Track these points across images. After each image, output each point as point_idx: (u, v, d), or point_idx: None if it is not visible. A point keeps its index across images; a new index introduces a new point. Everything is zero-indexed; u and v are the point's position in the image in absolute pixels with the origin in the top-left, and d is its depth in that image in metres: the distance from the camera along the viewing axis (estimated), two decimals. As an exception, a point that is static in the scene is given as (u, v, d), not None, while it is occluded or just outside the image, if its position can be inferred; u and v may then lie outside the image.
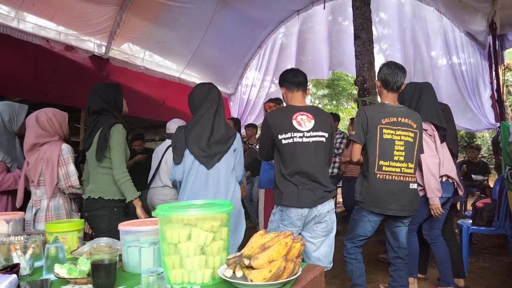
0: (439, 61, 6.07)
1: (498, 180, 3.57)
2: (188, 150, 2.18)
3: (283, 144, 2.26)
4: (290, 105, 2.40)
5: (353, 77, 13.09)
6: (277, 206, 2.31)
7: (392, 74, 2.53)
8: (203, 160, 2.17)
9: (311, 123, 2.29)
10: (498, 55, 5.30)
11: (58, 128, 2.56)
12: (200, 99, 2.25)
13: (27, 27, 4.29)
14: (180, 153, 2.18)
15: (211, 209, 1.31)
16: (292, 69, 2.50)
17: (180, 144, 2.19)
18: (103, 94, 2.49)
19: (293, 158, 2.25)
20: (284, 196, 2.24)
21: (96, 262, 1.18)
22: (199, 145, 2.17)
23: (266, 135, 2.34)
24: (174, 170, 2.22)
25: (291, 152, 2.26)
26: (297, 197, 2.22)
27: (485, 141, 10.63)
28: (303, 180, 2.24)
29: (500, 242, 4.30)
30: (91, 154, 2.40)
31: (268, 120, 2.34)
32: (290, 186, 2.24)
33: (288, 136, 2.26)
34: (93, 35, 5.01)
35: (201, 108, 2.23)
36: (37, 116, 2.50)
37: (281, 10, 7.01)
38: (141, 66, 5.74)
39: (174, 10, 5.42)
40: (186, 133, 2.20)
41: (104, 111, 2.47)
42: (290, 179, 2.25)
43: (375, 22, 6.14)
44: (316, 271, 1.32)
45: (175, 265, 1.26)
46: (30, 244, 1.46)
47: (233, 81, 7.61)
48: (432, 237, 2.98)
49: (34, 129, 2.46)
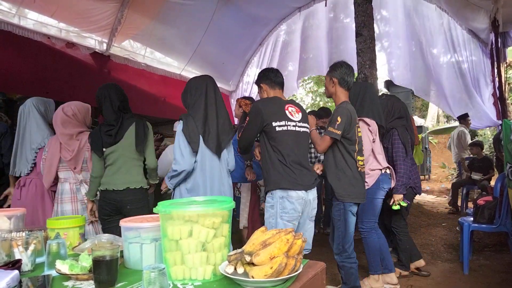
0: (441, 58, 6.05)
1: (499, 178, 3.57)
2: (202, 140, 2.28)
3: (277, 131, 2.34)
4: (277, 97, 2.49)
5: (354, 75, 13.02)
6: (275, 193, 2.33)
7: (349, 74, 2.67)
8: (216, 150, 2.31)
9: (299, 114, 2.46)
10: (500, 52, 5.29)
11: (84, 119, 2.88)
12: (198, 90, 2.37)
13: (28, 24, 4.28)
14: (195, 141, 2.27)
15: (212, 206, 1.31)
16: (273, 68, 2.64)
17: (194, 133, 2.28)
18: (122, 94, 2.68)
19: (287, 145, 2.35)
20: (284, 179, 2.31)
21: (97, 258, 1.18)
22: (210, 136, 2.29)
23: (255, 122, 2.38)
24: (184, 160, 2.26)
25: (285, 139, 2.35)
26: (296, 180, 2.32)
27: (487, 138, 10.62)
28: (297, 166, 2.35)
29: (501, 240, 4.30)
30: (122, 147, 2.54)
31: (259, 107, 2.39)
32: (287, 170, 2.32)
33: (282, 124, 2.36)
34: (94, 32, 5.00)
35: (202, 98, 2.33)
36: (71, 108, 2.78)
37: (282, 7, 6.98)
38: (142, 63, 5.73)
39: (175, 7, 5.41)
40: (197, 122, 2.29)
41: (125, 109, 2.66)
42: (286, 164, 2.32)
43: (376, 19, 6.12)
44: (317, 268, 1.32)
45: (177, 262, 1.27)
46: (31, 240, 1.46)
47: (234, 79, 7.60)
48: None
49: (69, 121, 2.76)
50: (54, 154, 2.74)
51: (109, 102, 2.58)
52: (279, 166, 2.33)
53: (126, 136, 2.55)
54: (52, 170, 2.74)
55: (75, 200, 2.75)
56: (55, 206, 2.76)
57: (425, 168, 11.48)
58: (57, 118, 2.76)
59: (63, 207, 2.71)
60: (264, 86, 2.55)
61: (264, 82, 2.54)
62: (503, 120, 3.27)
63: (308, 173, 2.41)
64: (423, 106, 18.31)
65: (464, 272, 3.43)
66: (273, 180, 2.35)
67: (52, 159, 2.74)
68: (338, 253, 2.72)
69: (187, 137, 2.27)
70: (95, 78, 5.05)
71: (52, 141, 2.81)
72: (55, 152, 2.74)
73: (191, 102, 2.38)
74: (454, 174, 10.23)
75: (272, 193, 2.36)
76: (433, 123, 16.30)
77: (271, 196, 2.36)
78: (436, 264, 3.76)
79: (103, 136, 2.53)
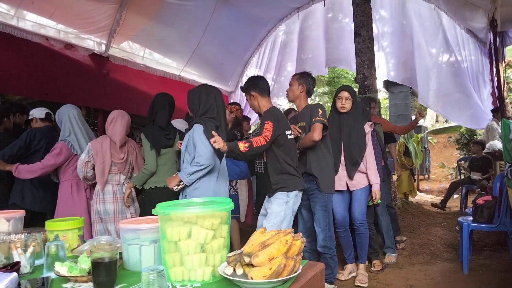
0: (440, 58, 6.06)
1: (498, 178, 3.57)
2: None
3: (288, 139, 2.62)
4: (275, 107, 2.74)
5: (353, 75, 13.07)
6: (291, 193, 2.60)
7: (313, 85, 3.02)
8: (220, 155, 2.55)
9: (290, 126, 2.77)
10: (499, 52, 5.30)
11: None
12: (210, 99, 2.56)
13: (26, 26, 4.27)
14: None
15: (211, 207, 1.31)
16: (260, 76, 2.86)
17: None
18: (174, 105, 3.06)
19: (294, 152, 2.70)
20: (301, 181, 2.65)
21: (96, 260, 1.18)
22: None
23: (280, 128, 2.56)
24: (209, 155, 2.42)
25: (292, 146, 2.67)
26: (302, 182, 2.69)
27: (486, 138, 10.60)
28: (298, 170, 2.69)
29: (501, 239, 4.30)
30: (172, 151, 2.98)
31: (278, 115, 2.61)
32: (298, 174, 2.65)
33: (289, 132, 2.67)
34: (93, 33, 5.00)
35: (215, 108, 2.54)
36: (128, 118, 3.05)
37: (281, 8, 6.99)
38: (141, 64, 5.73)
39: (174, 8, 5.41)
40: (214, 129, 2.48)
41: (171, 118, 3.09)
42: (295, 168, 2.64)
43: (375, 19, 6.12)
44: (316, 269, 1.32)
45: (176, 263, 1.26)
46: (30, 242, 1.46)
47: (233, 79, 7.60)
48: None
49: (127, 129, 3.03)
50: (107, 157, 2.90)
51: (168, 109, 2.95)
52: (293, 171, 2.62)
53: (175, 143, 2.95)
54: (105, 173, 2.90)
55: (117, 200, 2.94)
56: (96, 206, 2.91)
57: (424, 168, 11.48)
58: (120, 124, 2.96)
59: (106, 206, 2.90)
60: (254, 94, 2.71)
61: (254, 90, 2.71)
62: (502, 120, 3.27)
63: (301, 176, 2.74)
64: (422, 105, 18.32)
65: (464, 272, 3.43)
66: (294, 182, 2.62)
67: (105, 163, 2.90)
68: (327, 245, 2.86)
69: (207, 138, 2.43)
70: (94, 80, 5.05)
71: (100, 145, 2.91)
72: (107, 156, 2.90)
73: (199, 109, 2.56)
74: (454, 174, 10.23)
75: (289, 192, 2.61)
76: (432, 123, 16.32)
77: (287, 194, 2.60)
78: (435, 264, 3.76)
79: (162, 138, 2.88)
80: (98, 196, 2.91)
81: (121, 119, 2.98)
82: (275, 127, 2.51)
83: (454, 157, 12.80)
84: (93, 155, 2.88)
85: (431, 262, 3.81)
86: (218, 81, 7.18)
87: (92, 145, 2.90)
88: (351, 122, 3.23)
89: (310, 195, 2.91)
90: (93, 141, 2.96)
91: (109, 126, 2.98)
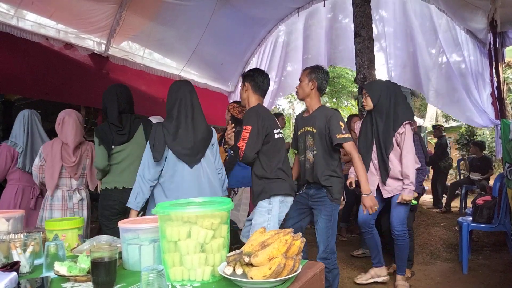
0: (440, 58, 6.05)
1: (498, 178, 3.58)
2: (170, 149, 2.23)
3: (276, 138, 2.41)
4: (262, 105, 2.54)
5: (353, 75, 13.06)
6: (274, 199, 2.35)
7: (327, 80, 2.67)
8: (186, 159, 2.24)
9: (279, 124, 2.58)
10: (499, 52, 5.28)
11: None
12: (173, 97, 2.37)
13: (26, 25, 4.27)
14: (160, 151, 2.21)
15: (210, 207, 1.31)
16: (264, 73, 2.59)
17: (159, 143, 2.22)
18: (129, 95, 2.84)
19: (283, 152, 2.46)
20: (285, 184, 2.38)
21: (96, 259, 1.18)
22: (181, 144, 2.23)
23: (262, 127, 2.35)
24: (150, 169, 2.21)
25: (279, 146, 2.44)
26: (291, 186, 2.42)
27: (485, 138, 10.62)
28: (289, 172, 2.49)
29: (500, 239, 4.30)
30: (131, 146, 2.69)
31: (260, 113, 2.39)
32: (285, 176, 2.38)
33: (278, 131, 2.47)
34: (93, 33, 4.99)
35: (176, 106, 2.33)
36: (78, 116, 2.89)
37: (281, 8, 6.98)
38: (140, 64, 5.72)
39: (174, 8, 5.40)
40: (165, 131, 2.24)
41: (131, 110, 2.81)
42: (284, 170, 2.39)
43: (375, 19, 6.12)
44: (316, 269, 1.32)
45: (175, 263, 1.26)
46: (30, 242, 1.46)
47: (233, 79, 7.59)
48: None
49: (80, 128, 2.87)
50: (56, 160, 2.76)
51: (117, 103, 2.68)
52: (280, 173, 2.38)
53: (136, 136, 2.69)
54: (55, 176, 2.78)
55: (65, 208, 2.78)
56: (42, 212, 2.77)
57: (424, 168, 11.47)
58: (69, 124, 2.81)
59: (52, 213, 2.74)
60: (247, 86, 2.54)
61: (249, 82, 2.54)
62: (501, 120, 3.27)
63: (290, 178, 2.50)
64: (422, 106, 18.33)
65: (464, 272, 3.44)
66: (276, 186, 2.37)
67: (54, 166, 2.76)
68: (327, 257, 2.57)
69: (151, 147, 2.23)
70: (93, 79, 5.04)
71: (51, 148, 2.80)
72: (56, 159, 2.76)
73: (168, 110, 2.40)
74: (454, 174, 10.23)
75: (273, 197, 2.35)
76: (432, 123, 16.31)
77: (269, 201, 2.35)
78: (435, 264, 3.76)
79: (114, 134, 2.61)
80: (46, 202, 2.79)
81: (69, 119, 2.84)
82: (253, 131, 2.32)
83: (454, 158, 12.79)
84: (44, 158, 2.78)
85: (430, 262, 3.81)
86: (218, 81, 7.17)
87: (43, 148, 2.82)
88: (379, 121, 2.99)
89: (315, 201, 2.63)
90: (45, 144, 2.87)
91: (58, 128, 2.85)
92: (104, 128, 2.64)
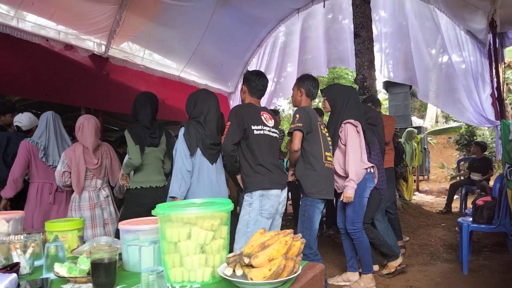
0: (439, 59, 6.06)
1: (498, 178, 3.57)
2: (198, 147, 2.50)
3: (255, 134, 2.50)
4: (253, 104, 2.64)
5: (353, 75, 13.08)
6: (254, 193, 2.46)
7: (315, 87, 2.95)
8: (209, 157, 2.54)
9: (272, 121, 2.67)
10: (498, 53, 5.29)
11: None
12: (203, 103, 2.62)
13: (26, 26, 4.27)
14: (194, 147, 2.49)
15: (210, 208, 1.31)
16: (259, 74, 2.71)
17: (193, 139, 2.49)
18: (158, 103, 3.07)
19: (264, 148, 2.53)
20: (265, 180, 2.47)
21: (96, 261, 1.18)
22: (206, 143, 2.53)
23: (237, 124, 2.49)
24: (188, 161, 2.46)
25: (262, 142, 2.52)
26: (275, 180, 2.50)
27: (485, 139, 10.62)
28: (274, 167, 2.54)
29: (500, 240, 4.30)
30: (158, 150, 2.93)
31: (239, 111, 2.53)
32: (267, 172, 2.49)
33: (259, 128, 2.54)
34: (93, 34, 5.00)
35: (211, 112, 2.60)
36: (96, 121, 3.05)
37: (281, 9, 6.99)
38: (141, 65, 5.73)
39: (174, 9, 5.41)
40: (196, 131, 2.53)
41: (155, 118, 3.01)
42: (265, 165, 2.49)
43: (375, 20, 6.13)
44: (316, 269, 1.32)
45: (175, 264, 1.26)
46: (30, 243, 1.46)
47: (233, 80, 7.60)
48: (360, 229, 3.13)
49: (97, 131, 3.03)
50: (81, 165, 2.91)
51: (150, 107, 2.91)
52: (259, 168, 2.48)
53: (161, 141, 2.93)
54: (81, 180, 2.92)
55: (93, 207, 2.95)
56: (71, 212, 2.91)
57: (424, 168, 11.50)
58: (88, 128, 2.97)
59: (82, 213, 2.89)
60: (245, 88, 2.69)
61: (245, 85, 2.69)
62: (501, 121, 3.27)
63: (282, 173, 2.60)
64: (422, 106, 18.36)
65: (464, 273, 3.43)
66: (256, 180, 2.47)
67: (80, 170, 2.91)
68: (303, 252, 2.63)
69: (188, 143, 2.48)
70: (93, 80, 5.05)
71: (73, 153, 2.93)
72: (81, 163, 2.91)
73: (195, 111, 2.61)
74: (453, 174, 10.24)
75: (252, 193, 2.47)
76: (432, 124, 16.34)
77: (250, 195, 2.48)
78: (435, 265, 3.76)
79: (147, 136, 2.82)
80: (74, 203, 2.92)
81: (88, 124, 2.98)
82: (231, 126, 2.47)
83: (454, 158, 12.81)
84: (68, 163, 2.90)
85: (430, 263, 3.81)
86: (218, 82, 7.18)
87: (66, 154, 2.93)
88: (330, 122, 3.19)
89: (302, 197, 2.87)
90: (66, 150, 2.99)
91: (78, 133, 2.99)
92: (137, 129, 2.82)
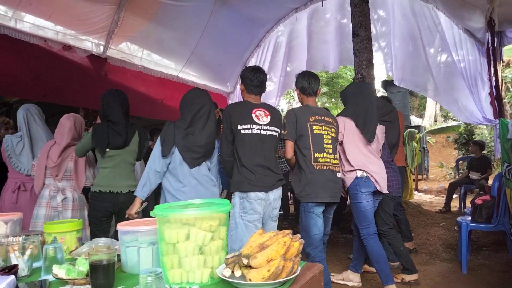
0: (438, 58, 6.06)
1: (497, 177, 3.58)
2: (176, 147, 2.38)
3: (242, 134, 2.42)
4: (248, 101, 2.57)
5: (352, 75, 13.07)
6: (235, 195, 2.43)
7: (307, 82, 2.80)
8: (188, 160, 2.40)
9: (267, 118, 2.53)
10: (497, 52, 5.29)
11: (79, 133, 3.04)
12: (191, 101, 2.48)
13: (24, 27, 4.26)
14: (168, 147, 2.37)
15: (209, 209, 1.31)
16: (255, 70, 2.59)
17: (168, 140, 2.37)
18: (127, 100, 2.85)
19: (250, 148, 2.43)
20: (244, 182, 2.39)
21: (94, 262, 1.18)
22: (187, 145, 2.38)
23: (226, 126, 2.46)
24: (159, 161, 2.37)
25: (248, 142, 2.43)
26: (255, 182, 2.39)
27: (484, 138, 10.62)
28: (259, 168, 2.42)
29: (499, 239, 4.31)
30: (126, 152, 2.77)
31: (226, 111, 2.50)
32: (248, 173, 2.40)
33: (247, 127, 2.44)
34: (91, 35, 4.98)
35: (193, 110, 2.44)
36: (75, 120, 2.96)
37: (279, 8, 6.98)
38: (139, 65, 5.71)
39: (172, 9, 5.40)
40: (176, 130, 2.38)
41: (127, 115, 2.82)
42: (248, 167, 2.41)
43: (373, 19, 6.12)
44: (315, 270, 1.32)
45: (174, 265, 1.26)
46: (28, 245, 1.45)
47: (232, 80, 7.59)
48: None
49: (72, 131, 2.93)
50: (42, 160, 2.88)
51: (119, 103, 2.72)
52: (242, 169, 2.42)
53: (132, 143, 2.77)
54: (41, 176, 2.87)
55: (49, 206, 2.86)
56: (35, 209, 2.87)
57: (423, 167, 11.51)
58: (63, 127, 2.92)
59: (39, 210, 2.84)
60: (242, 86, 2.63)
61: (243, 83, 2.62)
62: (500, 119, 3.28)
63: (271, 174, 2.47)
64: (421, 106, 18.37)
65: (463, 272, 3.44)
66: (235, 182, 2.44)
67: (41, 165, 2.87)
68: (307, 256, 2.61)
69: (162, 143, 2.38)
70: (92, 81, 5.04)
71: (45, 147, 2.93)
72: (43, 159, 2.88)
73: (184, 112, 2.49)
74: (452, 174, 10.24)
75: (234, 194, 2.46)
76: (431, 123, 16.34)
77: (233, 196, 2.46)
78: (434, 264, 3.77)
79: (111, 137, 2.65)
80: (38, 199, 2.91)
81: (66, 122, 2.94)
82: (224, 131, 2.46)
83: (453, 157, 12.81)
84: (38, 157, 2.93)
85: (430, 262, 3.81)
86: (217, 82, 7.17)
87: (43, 148, 2.94)
88: None
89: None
90: (46, 143, 2.98)
91: (56, 129, 2.98)
92: (102, 129, 2.67)
